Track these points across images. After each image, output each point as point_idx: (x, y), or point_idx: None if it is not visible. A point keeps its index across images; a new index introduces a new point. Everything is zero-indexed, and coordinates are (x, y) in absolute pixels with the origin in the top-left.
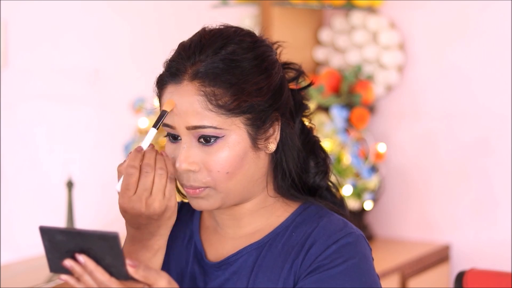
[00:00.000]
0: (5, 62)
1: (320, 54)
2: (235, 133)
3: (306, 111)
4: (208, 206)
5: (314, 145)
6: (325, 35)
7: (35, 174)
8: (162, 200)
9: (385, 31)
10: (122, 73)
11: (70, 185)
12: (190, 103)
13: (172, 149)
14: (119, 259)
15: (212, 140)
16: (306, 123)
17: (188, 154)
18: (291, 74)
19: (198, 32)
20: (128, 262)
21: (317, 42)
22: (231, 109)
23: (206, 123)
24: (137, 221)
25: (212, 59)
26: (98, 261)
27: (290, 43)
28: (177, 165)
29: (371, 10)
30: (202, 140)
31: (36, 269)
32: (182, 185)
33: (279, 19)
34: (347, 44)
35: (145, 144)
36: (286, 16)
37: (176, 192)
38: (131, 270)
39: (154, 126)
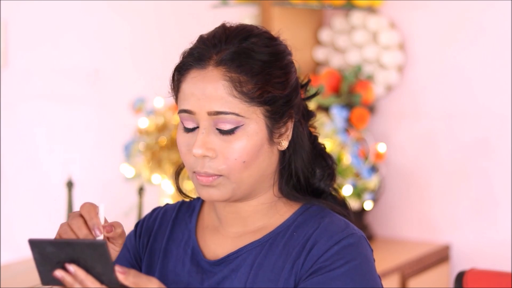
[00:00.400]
0: (5, 62)
1: (320, 54)
2: (254, 122)
3: (312, 118)
4: (218, 196)
5: (321, 151)
6: (325, 35)
7: (35, 174)
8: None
9: (385, 31)
10: (122, 73)
11: (70, 185)
12: (215, 88)
13: (187, 138)
14: (108, 267)
15: (230, 130)
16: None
17: (206, 140)
18: None
19: (219, 26)
20: (117, 269)
21: (317, 42)
22: (254, 98)
23: (228, 109)
24: None
25: (238, 47)
26: (88, 269)
27: (290, 43)
28: (194, 150)
29: (371, 10)
30: (221, 129)
31: (36, 269)
32: (194, 172)
33: (279, 19)
34: (347, 44)
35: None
36: (286, 16)
37: (177, 191)
38: (120, 277)
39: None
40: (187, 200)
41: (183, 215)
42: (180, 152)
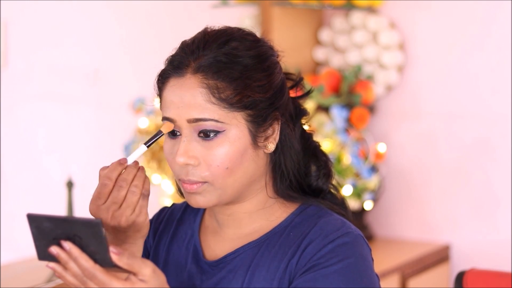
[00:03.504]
0: (5, 62)
1: (320, 54)
2: (236, 128)
3: (305, 116)
4: (204, 202)
5: (315, 149)
6: (325, 35)
7: (35, 174)
8: (129, 216)
9: (385, 31)
10: (122, 73)
11: (70, 185)
12: (193, 96)
13: (171, 145)
14: (102, 246)
15: (212, 135)
16: (306, 128)
17: (188, 148)
18: (288, 84)
19: (201, 31)
20: (111, 249)
21: (317, 42)
22: (233, 103)
23: (207, 115)
24: (105, 227)
25: (216, 53)
26: (83, 248)
27: (290, 43)
28: (176, 159)
29: (371, 10)
30: (202, 134)
31: (36, 269)
32: (180, 180)
33: (279, 19)
34: (347, 44)
35: (130, 159)
36: (286, 16)
37: (178, 193)
38: (114, 257)
39: (146, 143)
40: None
41: (188, 215)
42: (166, 159)
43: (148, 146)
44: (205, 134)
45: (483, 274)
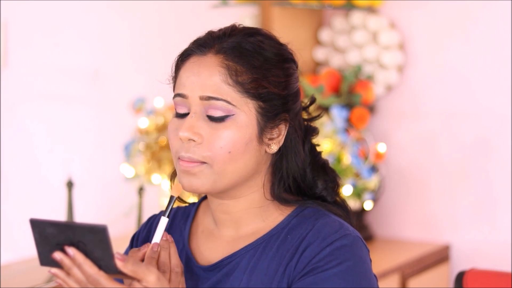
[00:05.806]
0: (5, 62)
1: (320, 54)
2: (245, 115)
3: (315, 133)
4: (198, 185)
5: (324, 165)
6: (325, 35)
7: (35, 174)
8: None
9: (385, 31)
10: (122, 73)
11: (70, 185)
12: (210, 74)
13: (178, 123)
14: (107, 252)
15: (220, 120)
16: (315, 145)
17: (194, 124)
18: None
19: (229, 25)
20: (116, 255)
21: (317, 42)
22: (248, 89)
23: (220, 95)
24: None
25: (242, 40)
26: (87, 254)
27: (290, 43)
28: (180, 133)
29: (371, 10)
30: (211, 116)
31: (36, 269)
32: (179, 158)
33: (279, 19)
34: (347, 44)
35: (157, 237)
36: (286, 16)
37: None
38: (119, 264)
39: (164, 214)
40: (183, 205)
41: (178, 222)
42: (168, 138)
43: (167, 216)
44: (214, 117)
45: (483, 274)
